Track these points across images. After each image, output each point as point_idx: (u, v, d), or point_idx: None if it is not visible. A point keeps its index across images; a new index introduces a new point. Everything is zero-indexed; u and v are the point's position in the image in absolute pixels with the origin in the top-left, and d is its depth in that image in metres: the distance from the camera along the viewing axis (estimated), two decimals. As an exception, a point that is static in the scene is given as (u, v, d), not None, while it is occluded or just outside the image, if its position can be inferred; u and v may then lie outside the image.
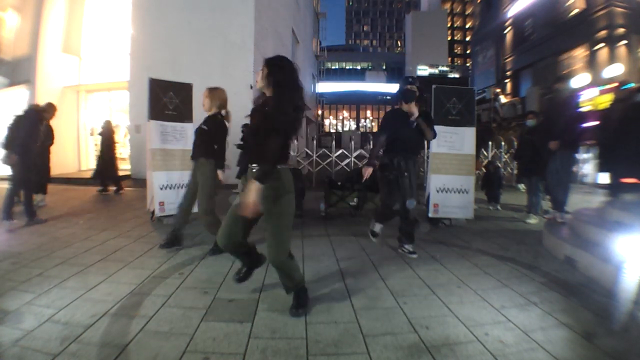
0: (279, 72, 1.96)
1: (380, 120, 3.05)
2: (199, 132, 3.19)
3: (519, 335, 1.86)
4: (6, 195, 4.30)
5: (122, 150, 10.45)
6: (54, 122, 5.96)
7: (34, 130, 4.55)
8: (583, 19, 16.40)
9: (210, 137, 3.13)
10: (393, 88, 42.82)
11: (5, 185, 4.40)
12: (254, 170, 1.85)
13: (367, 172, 3.21)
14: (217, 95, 3.21)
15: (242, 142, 4.08)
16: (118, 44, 9.38)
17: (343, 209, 4.97)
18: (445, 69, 43.70)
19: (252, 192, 1.74)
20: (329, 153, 8.50)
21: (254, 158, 1.92)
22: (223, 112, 3.24)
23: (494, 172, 5.97)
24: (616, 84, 4.51)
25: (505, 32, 24.30)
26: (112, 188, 7.01)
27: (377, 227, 3.45)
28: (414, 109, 3.04)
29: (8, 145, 4.51)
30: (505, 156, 9.76)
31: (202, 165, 3.16)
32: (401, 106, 3.18)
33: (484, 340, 1.81)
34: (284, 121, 1.80)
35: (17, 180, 4.34)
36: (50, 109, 5.25)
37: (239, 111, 3.64)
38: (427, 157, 7.11)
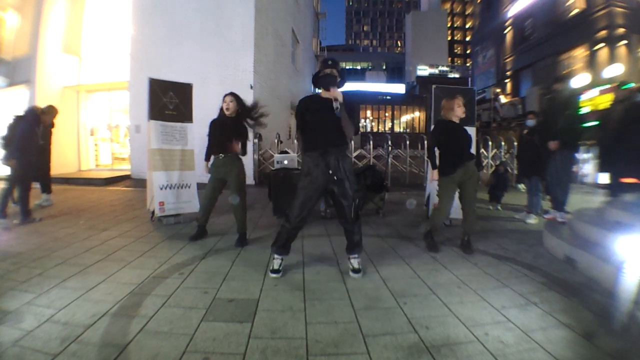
0: None
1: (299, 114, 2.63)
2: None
3: (519, 335, 1.86)
4: (1, 194, 4.30)
5: (122, 150, 10.50)
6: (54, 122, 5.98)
7: (31, 132, 4.53)
8: (583, 19, 16.40)
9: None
10: (393, 88, 43.01)
11: (1, 184, 4.41)
12: None
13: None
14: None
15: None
16: (118, 44, 9.38)
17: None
18: (445, 69, 43.71)
19: None
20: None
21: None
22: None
23: (503, 173, 5.97)
24: (616, 84, 4.50)
25: (505, 32, 24.29)
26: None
27: (277, 262, 2.69)
28: (337, 94, 2.48)
29: (6, 145, 4.51)
30: (505, 156, 9.76)
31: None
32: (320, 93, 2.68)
33: (484, 340, 1.81)
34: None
35: (13, 180, 4.34)
36: (50, 111, 5.25)
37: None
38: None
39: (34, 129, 4.59)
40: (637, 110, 3.75)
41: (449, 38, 55.65)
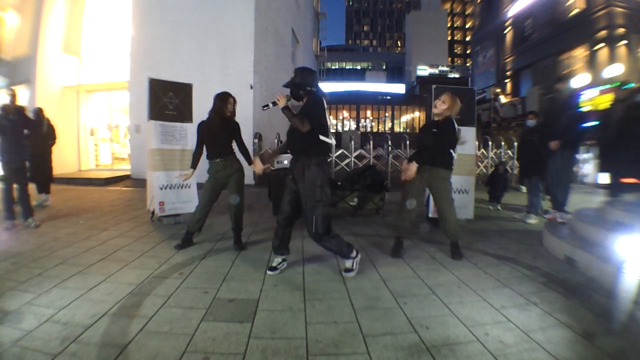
0: None
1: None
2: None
3: (519, 335, 1.86)
4: (2, 196, 4.23)
5: (122, 150, 10.50)
6: (55, 122, 5.98)
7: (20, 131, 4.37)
8: (583, 19, 16.41)
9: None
10: (393, 88, 42.96)
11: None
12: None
13: None
14: None
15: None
16: (118, 44, 9.38)
17: (343, 209, 4.97)
18: (445, 69, 43.73)
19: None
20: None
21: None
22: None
23: (503, 174, 5.98)
24: (617, 84, 4.50)
25: (505, 32, 24.31)
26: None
27: (276, 260, 2.78)
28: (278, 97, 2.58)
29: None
30: (505, 157, 9.76)
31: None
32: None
33: (484, 340, 1.81)
34: None
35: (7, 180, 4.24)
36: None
37: (240, 111, 3.66)
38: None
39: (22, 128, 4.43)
40: (637, 110, 3.74)
41: (449, 38, 55.64)
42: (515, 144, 7.59)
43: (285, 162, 5.10)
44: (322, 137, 2.53)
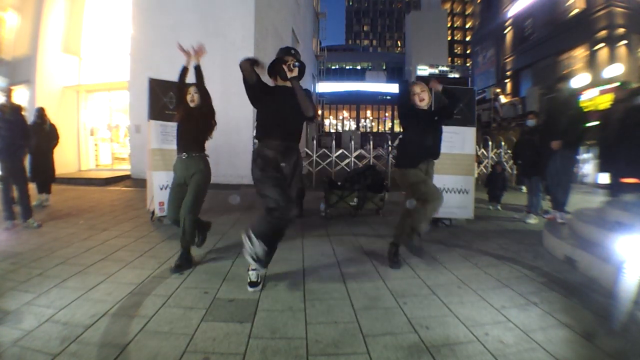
0: None
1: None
2: None
3: (519, 335, 1.86)
4: (1, 196, 4.20)
5: (122, 150, 10.50)
6: (55, 122, 5.99)
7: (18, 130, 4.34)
8: (583, 19, 16.40)
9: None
10: (393, 88, 42.94)
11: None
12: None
13: None
14: None
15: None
16: (118, 44, 9.38)
17: (343, 209, 4.97)
18: (445, 69, 43.64)
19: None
20: (329, 153, 8.50)
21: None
22: None
23: (500, 173, 5.98)
24: (617, 84, 4.51)
25: (505, 32, 24.28)
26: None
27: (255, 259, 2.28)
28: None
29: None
30: (505, 156, 9.76)
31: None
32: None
33: (484, 340, 1.81)
34: None
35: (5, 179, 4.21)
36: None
37: (240, 111, 3.66)
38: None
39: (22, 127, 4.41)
40: (637, 111, 3.74)
41: (449, 38, 55.57)
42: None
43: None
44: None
